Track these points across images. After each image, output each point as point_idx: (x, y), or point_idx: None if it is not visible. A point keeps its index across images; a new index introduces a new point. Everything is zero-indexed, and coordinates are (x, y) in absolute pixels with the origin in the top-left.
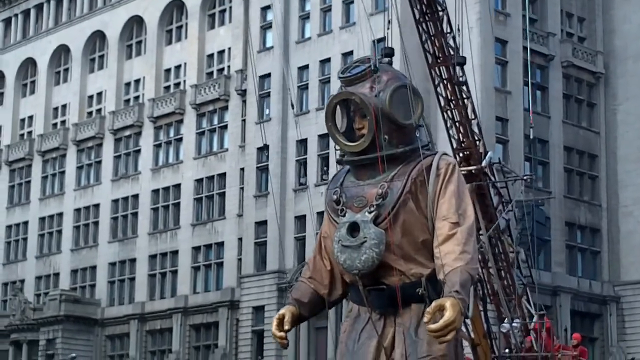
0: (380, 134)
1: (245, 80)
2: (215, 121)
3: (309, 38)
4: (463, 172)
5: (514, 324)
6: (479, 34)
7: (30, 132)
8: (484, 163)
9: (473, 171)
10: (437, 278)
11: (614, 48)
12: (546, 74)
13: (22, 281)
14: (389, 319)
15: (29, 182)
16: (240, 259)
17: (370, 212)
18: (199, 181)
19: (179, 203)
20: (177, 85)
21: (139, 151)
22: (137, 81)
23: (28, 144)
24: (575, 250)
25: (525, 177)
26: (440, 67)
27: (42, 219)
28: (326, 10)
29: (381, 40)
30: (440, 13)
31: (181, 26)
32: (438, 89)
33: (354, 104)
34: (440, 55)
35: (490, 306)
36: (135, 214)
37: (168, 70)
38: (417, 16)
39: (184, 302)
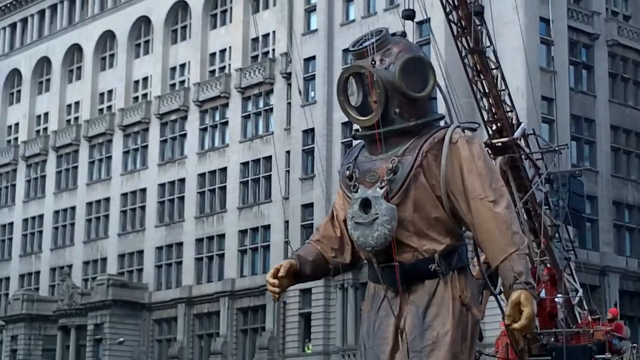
0: (391, 108)
1: (290, 64)
2: (261, 104)
3: (353, 20)
4: (497, 145)
5: (556, 299)
6: (525, 14)
7: (77, 118)
8: (516, 134)
9: (506, 143)
10: (449, 253)
11: None
12: (591, 53)
13: (70, 266)
14: (404, 297)
15: (76, 167)
16: (287, 242)
17: (381, 188)
18: (245, 164)
19: (225, 187)
20: (222, 69)
21: (184, 135)
22: (183, 66)
23: (75, 130)
24: (623, 230)
25: (558, 148)
26: (467, 37)
27: (89, 204)
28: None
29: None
30: None
31: (226, 10)
32: (465, 60)
33: (366, 78)
34: (464, 24)
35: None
36: (181, 198)
37: (213, 55)
38: None
39: (231, 285)
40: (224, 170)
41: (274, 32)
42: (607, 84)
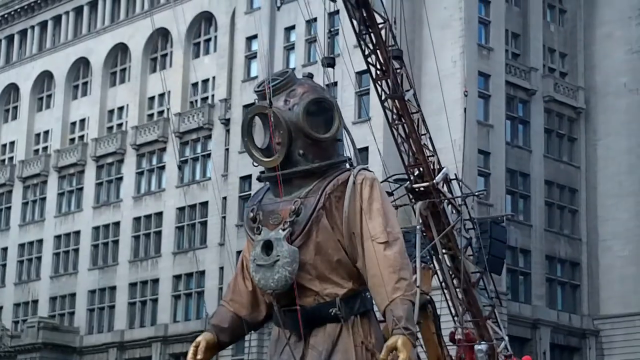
0: (295, 149)
1: (229, 110)
2: (199, 150)
3: (294, 69)
4: (418, 189)
5: (479, 347)
6: (462, 67)
7: (11, 158)
8: (437, 179)
9: (427, 188)
10: (351, 297)
11: (595, 84)
12: (528, 108)
13: (0, 308)
14: (307, 341)
15: (9, 208)
16: (221, 288)
17: (283, 230)
18: (181, 209)
19: (160, 231)
20: (160, 113)
21: (121, 178)
22: (121, 108)
23: (9, 170)
24: (555, 284)
25: (477, 193)
26: (386, 81)
27: (22, 246)
28: (311, 42)
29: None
30: (380, 26)
31: (166, 54)
32: (385, 103)
33: (271, 118)
34: (384, 67)
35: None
36: (116, 242)
37: (152, 98)
38: (357, 29)
39: (164, 330)
40: (159, 214)
41: (213, 77)
42: (543, 139)
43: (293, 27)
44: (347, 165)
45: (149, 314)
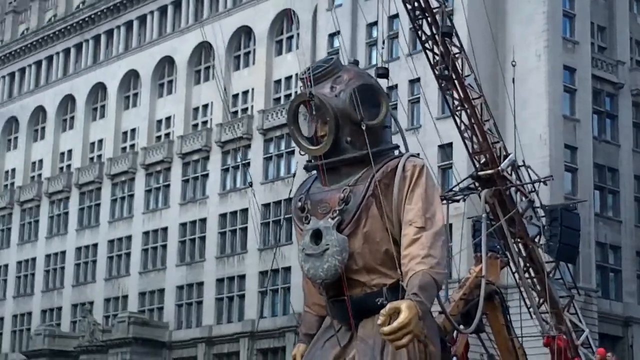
0: (342, 137)
1: None
2: (283, 146)
3: (375, 65)
4: (484, 177)
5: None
6: (547, 62)
7: (100, 156)
8: (501, 166)
9: (492, 175)
10: (398, 287)
11: None
12: (615, 102)
13: (92, 303)
14: (355, 332)
15: (98, 205)
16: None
17: (333, 218)
18: (266, 206)
19: (246, 228)
20: (244, 110)
21: (206, 175)
22: (205, 106)
23: (98, 167)
24: None
25: (543, 180)
26: (446, 65)
27: (111, 242)
28: (393, 37)
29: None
30: (435, 10)
31: (249, 52)
32: (447, 90)
33: (315, 107)
34: (443, 52)
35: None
36: (202, 238)
37: (236, 96)
38: (412, 14)
39: (251, 326)
40: (245, 211)
41: (296, 74)
42: (632, 133)
43: (375, 23)
44: (397, 153)
45: (236, 310)
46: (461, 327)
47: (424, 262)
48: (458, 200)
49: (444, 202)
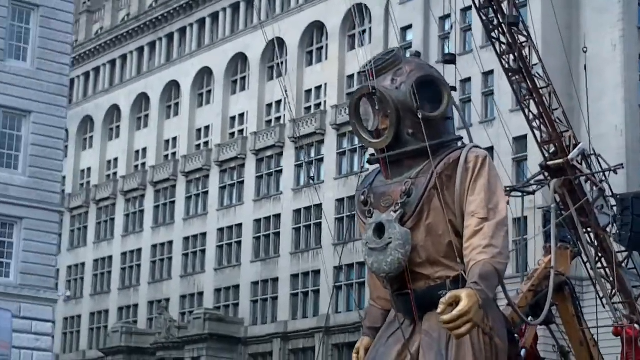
0: (404, 129)
1: None
2: (356, 141)
3: (454, 54)
4: (553, 167)
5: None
6: (623, 51)
7: (174, 154)
8: (571, 155)
9: (561, 165)
10: (464, 279)
11: None
12: None
13: (168, 300)
14: (418, 325)
15: (173, 202)
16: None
17: (395, 211)
18: (340, 201)
19: (320, 223)
20: (317, 106)
21: (280, 171)
22: (279, 102)
23: (172, 165)
24: None
25: (613, 168)
26: (513, 55)
27: (187, 239)
28: (466, 30)
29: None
30: None
31: (321, 47)
32: (513, 79)
33: (377, 100)
34: (510, 41)
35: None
36: (277, 234)
37: (309, 91)
38: (477, 4)
39: (326, 321)
40: (319, 206)
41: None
42: None
43: (448, 16)
44: (459, 144)
45: (311, 305)
46: (529, 319)
47: (485, 251)
48: (533, 193)
49: (519, 194)
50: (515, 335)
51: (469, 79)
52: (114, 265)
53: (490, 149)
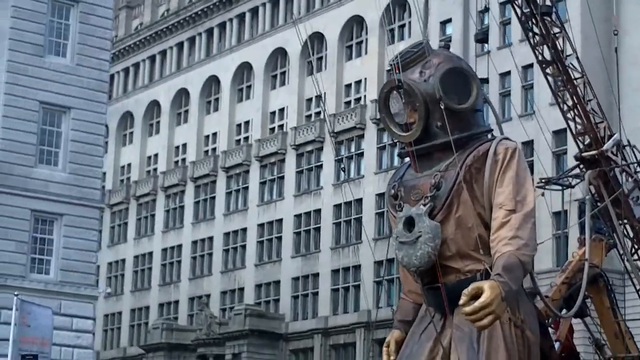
0: (432, 122)
1: None
2: None
3: (489, 51)
4: (588, 158)
5: None
6: None
7: (214, 149)
8: (605, 147)
9: (596, 156)
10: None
11: None
12: None
13: (208, 296)
14: (449, 319)
15: (213, 198)
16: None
17: (425, 205)
18: (380, 196)
19: (360, 218)
20: (357, 100)
21: (320, 166)
22: (318, 97)
23: (212, 161)
24: None
25: None
26: (547, 46)
27: (227, 235)
28: (506, 24)
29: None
30: None
31: (361, 42)
32: (547, 70)
33: (405, 93)
34: (543, 32)
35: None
36: (317, 229)
37: (349, 86)
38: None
39: (367, 316)
40: (359, 201)
41: None
42: None
43: (487, 10)
44: (489, 136)
45: (352, 301)
46: (563, 311)
47: (510, 243)
48: (572, 186)
49: (558, 188)
50: (550, 327)
51: (508, 73)
52: (154, 262)
53: (530, 143)
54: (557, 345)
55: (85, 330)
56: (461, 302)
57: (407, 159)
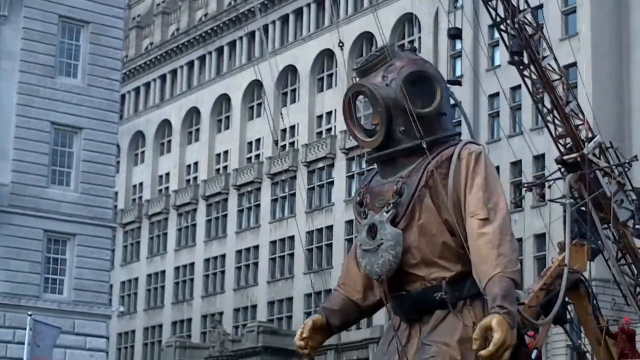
0: (396, 127)
1: None
2: None
3: (499, 65)
4: (569, 161)
5: None
6: None
7: (225, 167)
8: (586, 150)
9: (577, 159)
10: (460, 280)
11: None
12: None
13: (221, 313)
14: (414, 328)
15: (225, 216)
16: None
17: (387, 212)
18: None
19: None
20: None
21: (332, 183)
22: (329, 113)
23: (224, 179)
24: None
25: (629, 161)
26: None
27: (239, 252)
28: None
29: (571, 65)
30: None
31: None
32: (524, 72)
33: (367, 98)
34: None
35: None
36: (329, 245)
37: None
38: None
39: (379, 332)
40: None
41: None
42: None
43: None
44: (455, 140)
45: None
46: (540, 318)
47: (497, 264)
48: (549, 187)
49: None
50: (527, 335)
51: (518, 87)
52: (167, 280)
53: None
54: (534, 353)
55: (99, 349)
56: (474, 346)
57: (375, 165)
